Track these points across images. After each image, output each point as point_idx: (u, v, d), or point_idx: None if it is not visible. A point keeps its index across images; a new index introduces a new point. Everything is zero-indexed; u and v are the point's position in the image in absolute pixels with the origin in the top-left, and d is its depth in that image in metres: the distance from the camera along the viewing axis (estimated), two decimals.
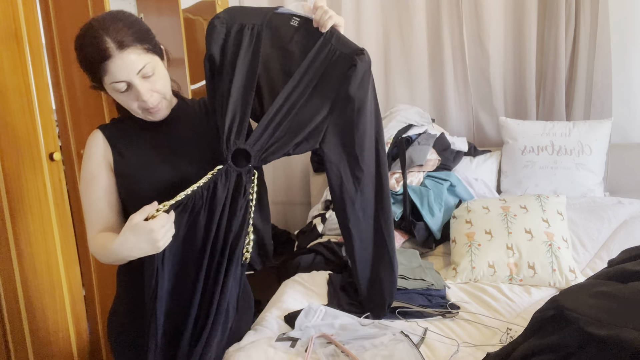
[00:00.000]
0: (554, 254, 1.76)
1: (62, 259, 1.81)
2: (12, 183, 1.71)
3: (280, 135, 1.20)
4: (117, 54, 1.07)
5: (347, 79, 1.20)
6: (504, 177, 2.46)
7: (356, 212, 1.31)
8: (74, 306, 1.86)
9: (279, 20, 1.23)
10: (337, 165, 1.26)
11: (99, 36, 1.07)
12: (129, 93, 1.13)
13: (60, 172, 1.79)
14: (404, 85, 2.80)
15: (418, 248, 2.12)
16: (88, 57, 1.09)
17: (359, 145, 1.26)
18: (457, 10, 2.63)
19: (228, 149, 1.17)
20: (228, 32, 1.20)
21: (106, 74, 1.09)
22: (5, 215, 1.72)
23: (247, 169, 1.19)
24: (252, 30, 1.21)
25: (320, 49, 1.21)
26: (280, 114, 1.20)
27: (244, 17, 1.22)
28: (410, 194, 2.19)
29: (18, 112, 1.68)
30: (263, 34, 1.21)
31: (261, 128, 1.19)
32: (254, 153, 1.19)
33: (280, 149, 1.21)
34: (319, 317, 1.50)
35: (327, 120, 1.23)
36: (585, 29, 2.40)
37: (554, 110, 2.52)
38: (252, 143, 1.19)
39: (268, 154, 1.21)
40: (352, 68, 1.20)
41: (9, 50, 1.64)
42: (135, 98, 1.14)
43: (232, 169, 1.17)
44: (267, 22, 1.22)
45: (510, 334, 1.39)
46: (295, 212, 3.06)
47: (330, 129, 1.24)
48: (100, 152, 1.23)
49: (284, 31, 1.23)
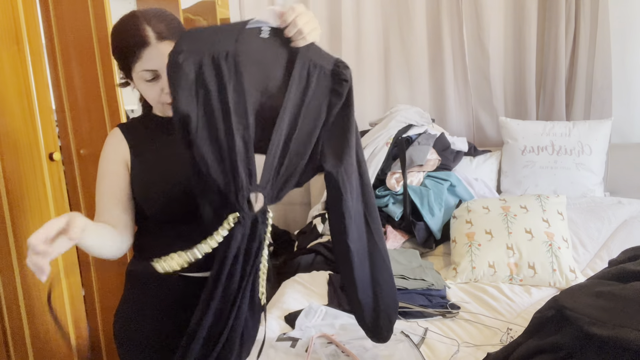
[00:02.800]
0: (554, 253, 1.76)
1: (61, 258, 1.81)
2: (12, 183, 1.71)
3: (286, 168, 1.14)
4: (155, 43, 1.10)
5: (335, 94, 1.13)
6: (504, 177, 2.46)
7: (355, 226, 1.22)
8: (73, 306, 1.86)
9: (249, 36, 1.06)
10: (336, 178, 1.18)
11: (141, 24, 1.10)
12: (154, 84, 1.15)
13: (60, 172, 1.79)
14: (404, 85, 2.80)
15: (418, 248, 2.12)
16: (125, 42, 1.12)
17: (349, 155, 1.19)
18: (457, 10, 2.63)
19: (242, 196, 1.06)
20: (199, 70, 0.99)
21: (139, 60, 1.11)
22: (5, 215, 1.72)
23: (263, 210, 1.10)
24: (227, 60, 1.02)
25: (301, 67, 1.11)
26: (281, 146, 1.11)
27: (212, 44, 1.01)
28: (410, 194, 2.19)
29: (18, 112, 1.68)
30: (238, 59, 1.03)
31: (268, 166, 1.11)
32: (267, 193, 1.11)
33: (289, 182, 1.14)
34: (320, 317, 1.50)
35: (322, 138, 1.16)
36: (585, 29, 2.40)
37: (554, 110, 2.52)
38: (264, 185, 1.10)
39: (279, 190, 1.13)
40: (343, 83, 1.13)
41: (9, 50, 1.64)
42: (159, 89, 1.15)
43: (248, 215, 1.07)
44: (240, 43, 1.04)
45: (511, 334, 1.39)
46: (295, 212, 3.06)
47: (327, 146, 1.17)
48: (117, 150, 1.23)
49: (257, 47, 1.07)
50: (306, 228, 2.46)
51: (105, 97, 1.96)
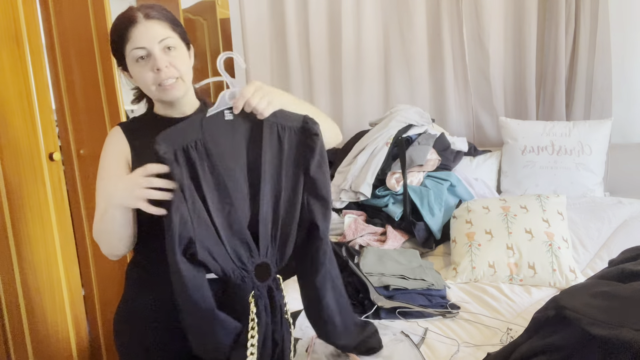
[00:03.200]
0: (554, 253, 1.76)
1: (61, 258, 1.81)
2: (12, 183, 1.71)
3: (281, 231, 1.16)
4: (143, 21, 1.14)
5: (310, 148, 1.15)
6: (504, 177, 2.46)
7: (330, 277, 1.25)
8: (73, 306, 1.86)
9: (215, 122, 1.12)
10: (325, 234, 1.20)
11: (132, 9, 1.16)
12: (145, 63, 1.16)
13: (60, 172, 1.79)
14: (404, 85, 2.80)
15: (418, 248, 2.12)
16: (116, 28, 1.16)
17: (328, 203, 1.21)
18: (457, 10, 2.63)
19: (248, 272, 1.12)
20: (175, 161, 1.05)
21: (128, 40, 1.14)
22: (5, 215, 1.72)
23: (273, 278, 1.16)
24: (196, 147, 1.08)
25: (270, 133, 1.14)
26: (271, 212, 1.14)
27: (181, 137, 1.08)
28: (410, 194, 2.19)
29: (18, 112, 1.68)
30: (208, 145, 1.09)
31: (264, 236, 1.14)
32: (270, 260, 1.16)
33: (289, 244, 1.18)
34: None
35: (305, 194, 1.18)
36: (585, 29, 2.40)
37: (554, 110, 2.52)
38: (264, 254, 1.15)
39: (282, 256, 1.18)
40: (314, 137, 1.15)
41: (9, 50, 1.64)
42: (151, 68, 1.16)
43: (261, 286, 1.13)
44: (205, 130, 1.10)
45: (511, 334, 1.39)
46: None
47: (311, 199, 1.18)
48: (117, 149, 1.23)
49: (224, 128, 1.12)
50: None
51: (105, 97, 1.96)
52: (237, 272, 1.10)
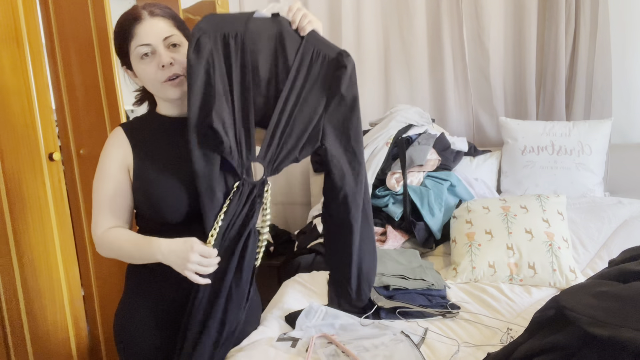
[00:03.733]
0: (554, 253, 1.76)
1: (61, 258, 1.81)
2: (12, 183, 1.71)
3: (285, 143, 1.23)
4: (147, 18, 1.16)
5: (337, 79, 1.24)
6: (504, 177, 2.46)
7: (356, 204, 1.34)
8: (73, 306, 1.86)
9: (259, 25, 1.21)
10: (339, 160, 1.29)
11: (136, 8, 1.18)
12: (150, 60, 1.17)
13: (60, 172, 1.79)
14: (404, 85, 2.80)
15: (418, 248, 2.12)
16: (120, 25, 1.18)
17: (354, 140, 1.30)
18: (457, 10, 2.63)
19: (242, 164, 1.19)
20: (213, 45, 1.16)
21: (133, 37, 1.16)
22: (5, 215, 1.72)
23: (262, 180, 1.22)
24: (235, 40, 1.17)
25: (305, 52, 1.22)
26: (282, 123, 1.22)
27: (225, 25, 1.18)
28: (410, 194, 2.19)
29: (18, 112, 1.68)
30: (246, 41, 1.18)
31: (268, 139, 1.21)
32: (266, 165, 1.22)
33: (288, 157, 1.24)
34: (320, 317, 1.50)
35: (323, 119, 1.26)
36: (585, 29, 2.40)
37: (554, 110, 2.52)
38: (262, 156, 1.22)
39: (278, 163, 1.24)
40: (342, 69, 1.23)
41: (9, 50, 1.64)
42: (156, 65, 1.17)
43: (247, 182, 1.20)
44: (247, 28, 1.19)
45: (511, 334, 1.39)
46: (295, 212, 3.06)
47: (328, 126, 1.27)
48: (118, 151, 1.23)
49: (264, 34, 1.21)
50: (306, 228, 2.46)
51: (105, 97, 1.96)
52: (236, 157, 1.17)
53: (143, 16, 1.16)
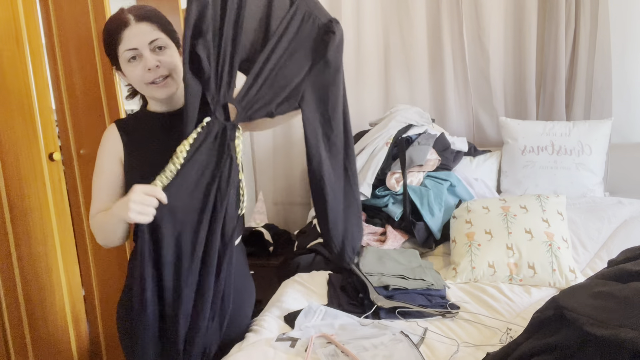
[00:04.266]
0: (554, 254, 1.76)
1: (61, 259, 1.81)
2: (12, 183, 1.71)
3: (264, 93, 1.23)
4: (134, 24, 1.21)
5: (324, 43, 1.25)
6: (504, 177, 2.46)
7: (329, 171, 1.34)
8: (73, 306, 1.86)
9: None
10: (313, 125, 1.29)
11: (122, 12, 1.23)
12: (137, 63, 1.23)
13: (60, 172, 1.79)
14: (404, 85, 2.80)
15: (418, 248, 2.12)
16: (108, 30, 1.23)
17: (332, 106, 1.31)
18: (457, 10, 2.63)
19: (217, 101, 1.18)
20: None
21: (121, 42, 1.21)
22: (5, 216, 1.72)
23: (232, 124, 1.21)
24: None
25: (297, 9, 1.24)
26: (264, 73, 1.22)
27: None
28: (410, 194, 2.19)
29: (18, 112, 1.68)
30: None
31: (247, 84, 1.21)
32: (240, 109, 1.21)
33: (264, 107, 1.23)
34: (319, 317, 1.50)
35: (305, 82, 1.27)
36: (585, 29, 2.40)
37: (554, 110, 2.52)
38: (239, 99, 1.21)
39: (253, 111, 1.23)
40: (331, 35, 1.25)
41: (9, 50, 1.64)
42: (142, 68, 1.23)
43: (218, 122, 1.19)
44: None
45: (510, 334, 1.39)
46: (295, 212, 3.06)
47: (308, 89, 1.27)
48: (112, 147, 1.29)
49: None
50: (306, 228, 2.46)
51: (105, 97, 1.96)
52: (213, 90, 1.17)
53: (129, 21, 1.22)
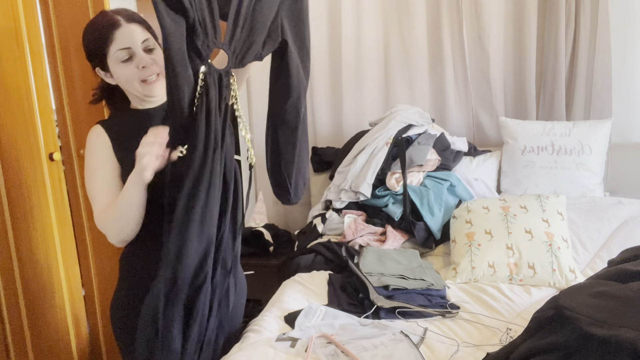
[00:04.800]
0: (554, 254, 1.76)
1: (61, 259, 1.81)
2: (12, 183, 1.71)
3: (247, 34, 1.19)
4: (125, 24, 1.23)
5: None
6: (504, 177, 2.46)
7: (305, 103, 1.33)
8: (73, 306, 1.86)
9: None
10: (295, 55, 1.28)
11: (109, 14, 1.25)
12: (130, 63, 1.24)
13: (60, 172, 1.79)
14: (404, 85, 2.80)
15: (418, 248, 2.12)
16: (98, 30, 1.23)
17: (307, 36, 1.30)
18: (457, 10, 2.63)
19: (208, 47, 1.11)
20: None
21: (112, 42, 1.22)
22: (5, 216, 1.72)
23: (226, 70, 1.16)
24: None
25: None
26: (242, 13, 1.16)
27: None
28: (410, 194, 2.19)
29: (18, 112, 1.68)
30: None
31: (230, 28, 1.16)
32: (230, 54, 1.16)
33: (252, 50, 1.20)
34: (319, 317, 1.50)
35: (280, 14, 1.24)
36: (585, 29, 2.40)
37: (554, 110, 2.52)
38: (227, 44, 1.15)
39: (242, 57, 1.19)
40: None
41: (9, 50, 1.64)
42: (135, 66, 1.24)
43: (213, 69, 1.14)
44: None
45: (510, 334, 1.39)
46: (295, 212, 3.06)
47: (285, 20, 1.25)
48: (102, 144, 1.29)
49: None
50: (306, 228, 2.46)
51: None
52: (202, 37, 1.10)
53: (120, 22, 1.24)
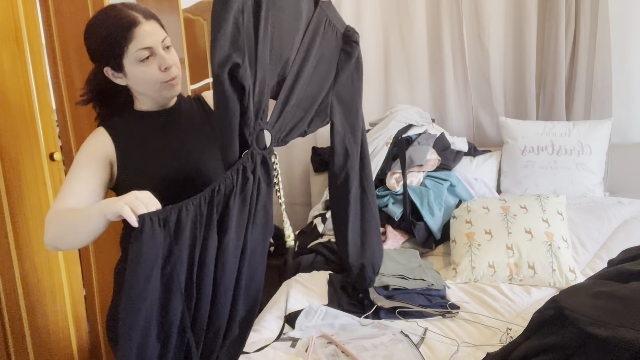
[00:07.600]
0: (554, 254, 1.76)
1: (62, 259, 1.81)
2: (12, 183, 1.71)
3: (295, 113, 1.17)
4: (145, 21, 1.14)
5: (347, 54, 1.24)
6: (504, 177, 2.46)
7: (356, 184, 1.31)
8: (74, 306, 1.86)
9: None
10: (343, 136, 1.27)
11: (124, 10, 1.15)
12: (150, 63, 1.16)
13: (61, 172, 1.79)
14: (404, 85, 2.80)
15: (418, 248, 2.12)
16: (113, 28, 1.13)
17: (361, 117, 1.30)
18: (457, 10, 2.63)
19: (254, 130, 1.09)
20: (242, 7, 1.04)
21: (132, 41, 1.13)
22: (5, 216, 1.72)
23: (270, 150, 1.13)
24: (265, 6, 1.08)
25: (319, 21, 1.19)
26: (295, 92, 1.15)
27: None
28: (410, 194, 2.19)
29: (18, 112, 1.68)
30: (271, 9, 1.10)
31: (279, 107, 1.14)
32: (274, 134, 1.14)
33: (297, 128, 1.19)
34: (320, 317, 1.50)
35: (331, 94, 1.24)
36: (585, 29, 2.40)
37: (554, 110, 2.52)
38: (272, 124, 1.13)
39: (286, 134, 1.17)
40: (353, 45, 1.24)
41: (9, 50, 1.64)
42: (157, 66, 1.16)
43: (257, 152, 1.10)
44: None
45: (510, 334, 1.40)
46: (295, 212, 3.06)
47: (335, 101, 1.25)
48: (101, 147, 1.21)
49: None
50: (306, 228, 2.46)
51: None
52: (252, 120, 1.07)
53: (139, 19, 1.14)
